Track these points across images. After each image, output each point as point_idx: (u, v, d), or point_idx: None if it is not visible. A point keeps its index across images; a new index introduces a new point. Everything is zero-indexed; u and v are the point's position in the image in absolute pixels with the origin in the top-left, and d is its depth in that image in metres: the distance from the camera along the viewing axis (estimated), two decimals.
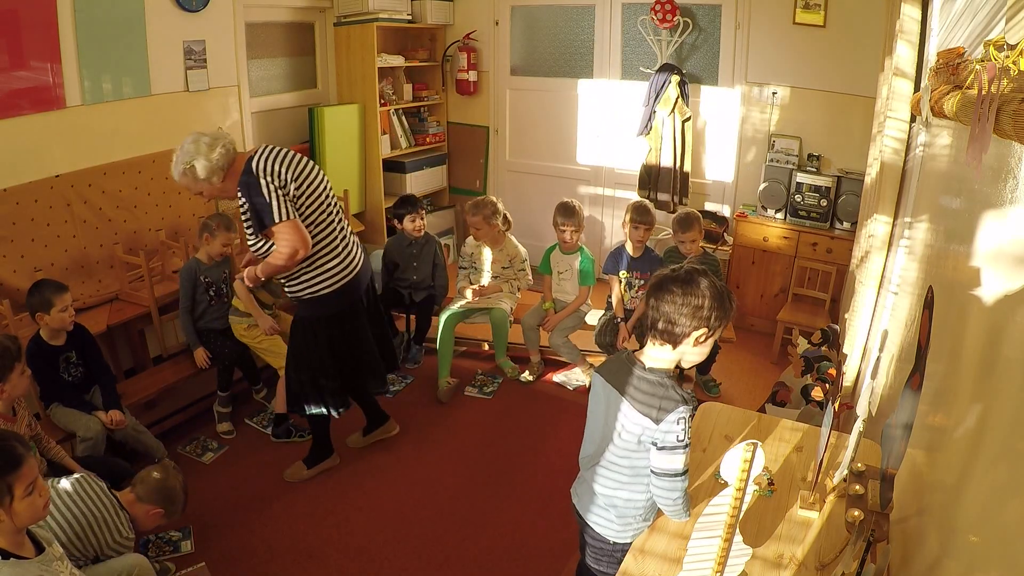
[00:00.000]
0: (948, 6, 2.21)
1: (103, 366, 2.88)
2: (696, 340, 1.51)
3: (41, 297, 2.63)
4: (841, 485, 1.66)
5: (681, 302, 1.47)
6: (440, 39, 5.22)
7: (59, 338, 2.73)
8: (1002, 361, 1.01)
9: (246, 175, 2.44)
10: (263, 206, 2.41)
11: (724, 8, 4.27)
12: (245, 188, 2.44)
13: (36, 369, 2.59)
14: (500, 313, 3.78)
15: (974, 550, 1.02)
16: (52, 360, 2.71)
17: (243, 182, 2.44)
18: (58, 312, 2.65)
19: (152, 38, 3.55)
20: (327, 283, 2.63)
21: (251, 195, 2.42)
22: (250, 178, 2.43)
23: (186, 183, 2.49)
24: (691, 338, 1.50)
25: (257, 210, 2.43)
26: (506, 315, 3.81)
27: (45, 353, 2.69)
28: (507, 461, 3.13)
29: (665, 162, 4.47)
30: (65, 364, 2.76)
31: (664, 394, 1.50)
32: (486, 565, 2.53)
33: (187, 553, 2.54)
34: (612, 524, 1.67)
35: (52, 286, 2.66)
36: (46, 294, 2.63)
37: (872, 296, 2.87)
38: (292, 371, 2.81)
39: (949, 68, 1.48)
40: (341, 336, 2.77)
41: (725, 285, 1.52)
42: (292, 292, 2.70)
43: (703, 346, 1.53)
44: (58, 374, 2.72)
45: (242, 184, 2.44)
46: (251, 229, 2.49)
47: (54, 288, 2.66)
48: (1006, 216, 1.08)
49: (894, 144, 2.75)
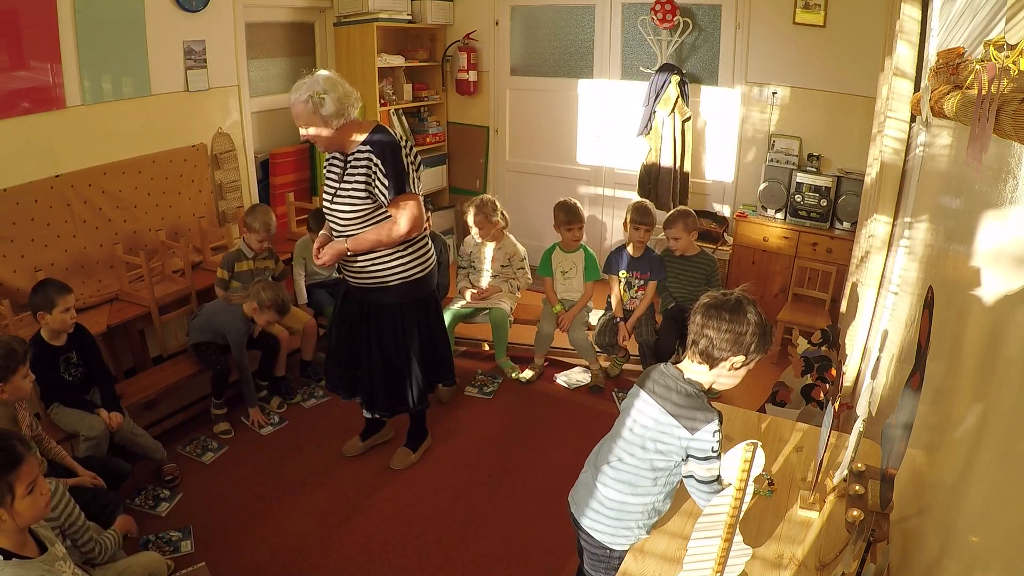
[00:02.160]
0: (948, 6, 2.21)
1: (103, 368, 2.88)
2: (732, 366, 1.54)
3: (44, 296, 2.62)
4: (841, 485, 1.66)
5: (726, 328, 1.51)
6: (440, 39, 5.22)
7: (60, 339, 2.73)
8: (1002, 361, 1.01)
9: (382, 134, 2.41)
10: (402, 172, 2.39)
11: (724, 8, 4.27)
12: (380, 148, 2.40)
13: (37, 369, 2.58)
14: (500, 313, 3.77)
15: (974, 550, 1.02)
16: (53, 360, 2.71)
17: (378, 141, 2.41)
18: (60, 313, 2.64)
19: (152, 38, 3.55)
20: (421, 267, 2.63)
21: (392, 157, 2.39)
22: (390, 139, 2.41)
23: (303, 112, 2.35)
24: (728, 363, 1.54)
25: (397, 173, 2.38)
26: (506, 315, 3.81)
27: (46, 353, 2.69)
28: (507, 461, 3.13)
29: (665, 162, 4.47)
30: (65, 364, 2.75)
31: (700, 405, 1.54)
32: (486, 565, 2.53)
33: (187, 553, 2.54)
34: (608, 528, 1.66)
35: (55, 286, 2.65)
36: (50, 294, 2.62)
37: (872, 296, 2.87)
38: (390, 362, 2.71)
39: (949, 68, 1.48)
40: (426, 323, 2.75)
41: (767, 320, 1.57)
42: (377, 276, 2.56)
43: (737, 372, 1.57)
44: (59, 374, 2.72)
45: (376, 144, 2.40)
46: (363, 197, 2.42)
47: (57, 288, 2.65)
48: (1006, 216, 1.08)
49: (894, 144, 2.75)
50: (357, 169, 2.43)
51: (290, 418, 3.43)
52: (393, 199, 2.42)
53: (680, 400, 1.55)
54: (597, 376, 3.76)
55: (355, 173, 2.44)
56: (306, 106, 2.34)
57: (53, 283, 2.68)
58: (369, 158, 2.42)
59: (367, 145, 2.42)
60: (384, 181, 2.41)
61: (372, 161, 2.41)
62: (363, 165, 2.42)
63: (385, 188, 2.41)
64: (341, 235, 2.55)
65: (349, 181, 2.46)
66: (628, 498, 1.62)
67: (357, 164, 2.44)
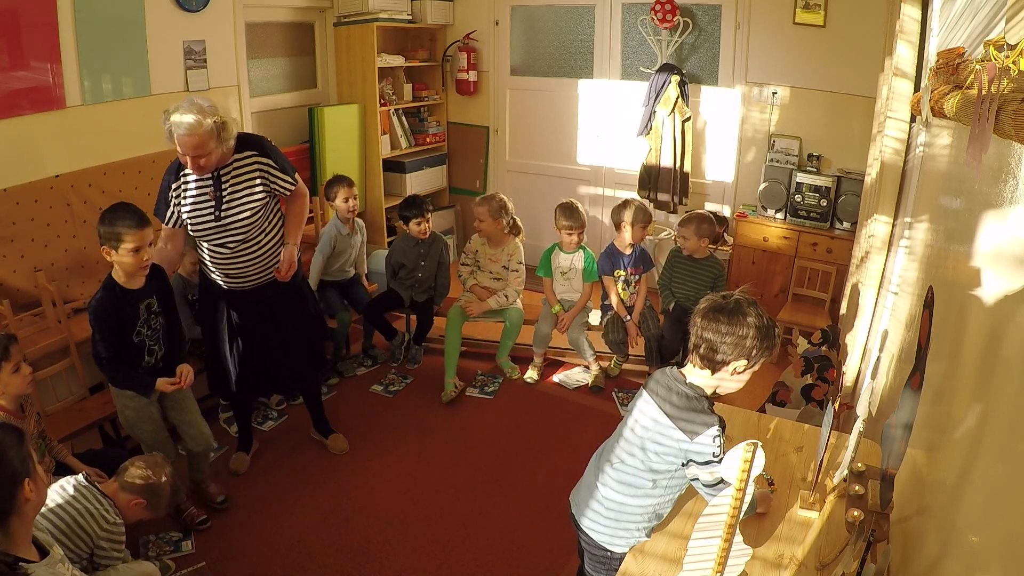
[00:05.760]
0: (948, 6, 2.21)
1: (176, 317, 2.60)
2: (735, 370, 1.53)
3: (110, 228, 2.22)
4: (841, 485, 1.66)
5: (725, 331, 1.49)
6: (440, 39, 5.22)
7: (135, 280, 2.36)
8: (1002, 361, 1.01)
9: (245, 136, 2.48)
10: (282, 155, 2.53)
11: (724, 8, 4.27)
12: (261, 146, 2.50)
13: (103, 322, 2.28)
14: (517, 314, 3.78)
15: (974, 550, 1.02)
16: (127, 309, 2.33)
17: (254, 142, 2.49)
18: (128, 252, 2.25)
19: (152, 38, 3.55)
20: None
21: (271, 148, 2.52)
22: (256, 137, 2.52)
23: (206, 138, 2.29)
24: (730, 367, 1.52)
25: (280, 158, 2.54)
26: (522, 316, 3.81)
27: (117, 299, 2.30)
28: (507, 461, 3.13)
29: (665, 162, 4.47)
30: (147, 314, 2.37)
31: (699, 409, 1.53)
32: (486, 565, 2.53)
33: (187, 553, 2.54)
34: (606, 529, 1.66)
35: (126, 217, 2.23)
36: (116, 226, 2.22)
37: (872, 296, 2.87)
38: (303, 335, 2.88)
39: (949, 68, 1.48)
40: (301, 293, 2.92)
41: (771, 319, 1.54)
42: (275, 262, 2.65)
43: (741, 376, 1.55)
44: (127, 334, 2.36)
45: (254, 144, 2.49)
46: (262, 198, 2.52)
47: (128, 219, 2.23)
48: (1006, 216, 1.08)
49: (894, 144, 2.75)
50: (243, 173, 2.47)
51: (290, 418, 3.43)
52: (289, 189, 2.62)
53: (679, 402, 1.54)
54: (597, 376, 3.76)
55: (242, 178, 2.48)
56: (211, 132, 2.30)
57: (125, 212, 2.24)
58: (256, 160, 2.49)
59: (247, 150, 2.47)
60: (280, 174, 2.56)
61: (261, 161, 2.49)
62: (252, 168, 2.49)
63: (284, 177, 2.58)
64: (242, 245, 2.57)
65: (239, 188, 2.49)
66: (627, 499, 1.62)
67: (242, 169, 2.48)
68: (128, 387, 2.48)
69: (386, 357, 4.01)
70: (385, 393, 3.69)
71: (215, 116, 2.31)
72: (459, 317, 3.73)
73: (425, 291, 3.87)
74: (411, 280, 3.85)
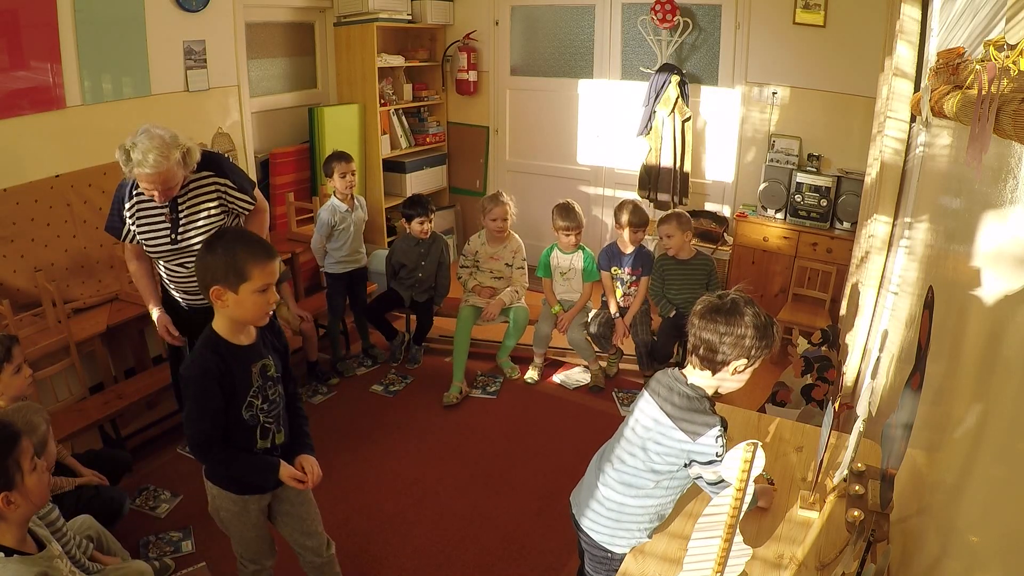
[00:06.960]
0: (948, 6, 2.21)
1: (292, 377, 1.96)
2: (735, 369, 1.52)
3: (231, 260, 1.63)
4: (841, 485, 1.66)
5: (723, 331, 1.48)
6: (440, 39, 5.22)
7: (248, 333, 1.73)
8: (1002, 361, 1.01)
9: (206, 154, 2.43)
10: (240, 171, 2.53)
11: (724, 8, 4.27)
12: (218, 166, 2.47)
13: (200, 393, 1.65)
14: (523, 312, 3.78)
15: (974, 550, 1.02)
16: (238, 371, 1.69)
17: (211, 162, 2.45)
18: (253, 290, 1.65)
19: (152, 38, 3.55)
20: None
21: (228, 166, 2.52)
22: (212, 154, 2.48)
23: (175, 170, 2.26)
24: (730, 367, 1.52)
25: (238, 175, 2.53)
26: (528, 314, 3.81)
27: (220, 358, 1.67)
28: (507, 461, 3.13)
29: (665, 162, 4.47)
30: (261, 379, 1.74)
31: (700, 409, 1.52)
32: (486, 565, 2.53)
33: (187, 553, 2.54)
34: (606, 529, 1.65)
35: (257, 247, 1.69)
36: (238, 256, 1.63)
37: (872, 296, 2.87)
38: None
39: (949, 68, 1.48)
40: None
41: (769, 316, 1.53)
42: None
43: (741, 375, 1.55)
44: (236, 410, 1.70)
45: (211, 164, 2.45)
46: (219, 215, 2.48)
47: (259, 248, 1.68)
48: (1006, 216, 1.08)
49: (894, 144, 2.75)
50: (201, 195, 2.45)
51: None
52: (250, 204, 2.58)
53: (680, 402, 1.54)
54: (597, 376, 3.76)
55: (200, 200, 2.45)
56: (178, 163, 2.27)
57: (249, 240, 1.69)
58: (213, 181, 2.46)
59: (203, 170, 2.44)
60: (238, 194, 2.52)
61: (218, 182, 2.47)
62: (209, 190, 2.45)
63: (242, 196, 2.53)
64: None
65: (197, 211, 2.45)
66: (628, 500, 1.62)
67: (199, 191, 2.45)
68: (242, 477, 1.81)
69: (386, 357, 4.01)
70: (385, 393, 3.69)
71: (178, 147, 2.25)
72: (470, 319, 3.71)
73: (425, 291, 3.87)
74: (411, 280, 3.85)
